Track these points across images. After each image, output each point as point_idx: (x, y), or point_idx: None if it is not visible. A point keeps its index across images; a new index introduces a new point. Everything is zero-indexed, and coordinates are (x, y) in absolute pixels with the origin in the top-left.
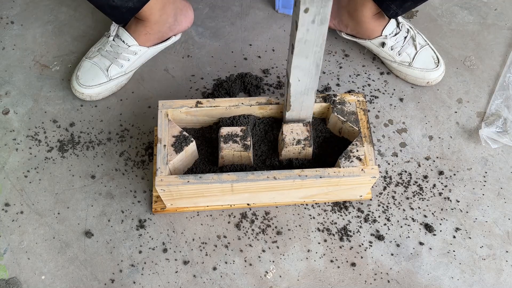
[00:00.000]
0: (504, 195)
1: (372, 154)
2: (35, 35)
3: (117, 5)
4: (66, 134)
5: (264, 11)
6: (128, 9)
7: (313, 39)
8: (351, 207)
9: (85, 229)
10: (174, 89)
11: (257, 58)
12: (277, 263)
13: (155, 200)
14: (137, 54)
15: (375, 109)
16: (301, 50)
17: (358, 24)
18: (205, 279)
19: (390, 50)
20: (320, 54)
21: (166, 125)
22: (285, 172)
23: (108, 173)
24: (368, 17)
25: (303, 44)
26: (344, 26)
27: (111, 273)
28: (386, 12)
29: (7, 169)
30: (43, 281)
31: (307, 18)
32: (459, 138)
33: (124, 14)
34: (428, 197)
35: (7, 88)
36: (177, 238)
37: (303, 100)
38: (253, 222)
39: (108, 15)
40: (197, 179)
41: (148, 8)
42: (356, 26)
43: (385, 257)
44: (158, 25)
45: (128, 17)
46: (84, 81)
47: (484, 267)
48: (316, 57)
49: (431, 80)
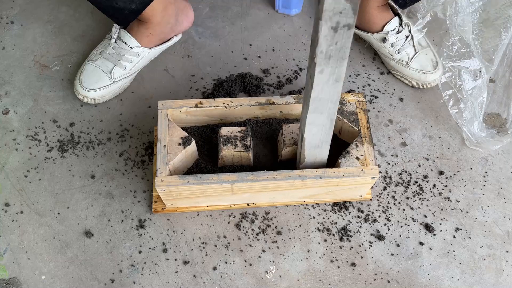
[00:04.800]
0: (504, 195)
1: (372, 154)
2: (35, 35)
3: (120, 7)
4: (66, 134)
5: (264, 11)
6: (131, 11)
7: (328, 96)
8: (351, 207)
9: (85, 229)
10: (174, 89)
11: (257, 58)
12: (277, 263)
13: (155, 200)
14: (139, 56)
15: (375, 109)
16: (316, 108)
17: (362, 14)
18: (205, 279)
19: (390, 47)
20: (334, 110)
21: (166, 125)
22: (285, 172)
23: (108, 173)
24: (372, 7)
25: (318, 102)
26: None
27: (111, 273)
28: (395, 1)
29: (7, 169)
30: (43, 281)
31: (322, 78)
32: (459, 138)
33: (127, 16)
34: (428, 197)
35: (7, 88)
36: (177, 238)
37: (316, 153)
38: (253, 222)
39: (110, 17)
40: (197, 179)
41: (151, 9)
42: (360, 16)
43: (385, 257)
44: (160, 26)
45: (131, 19)
46: (88, 84)
47: (484, 267)
48: (331, 113)
49: (427, 82)
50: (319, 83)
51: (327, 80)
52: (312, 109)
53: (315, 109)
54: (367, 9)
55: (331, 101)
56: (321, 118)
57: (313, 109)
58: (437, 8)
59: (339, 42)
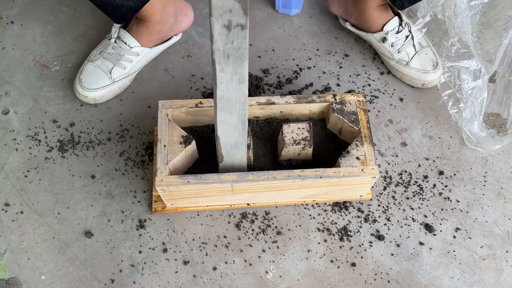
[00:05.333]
0: (504, 195)
1: (372, 154)
2: (35, 35)
3: (118, 4)
4: (66, 134)
5: (264, 11)
6: (129, 8)
7: (235, 97)
8: (351, 207)
9: (85, 229)
10: (174, 89)
11: (257, 58)
12: (277, 263)
13: (155, 200)
14: (139, 55)
15: (375, 109)
16: (224, 107)
17: (361, 14)
18: (205, 279)
19: (390, 46)
20: (244, 112)
21: (166, 125)
22: (285, 172)
23: (108, 173)
24: (372, 7)
25: (225, 101)
26: (349, 15)
27: (111, 273)
28: (393, 2)
29: (7, 169)
30: (43, 281)
31: (224, 77)
32: (459, 138)
33: (125, 14)
34: (428, 197)
35: (7, 88)
36: (177, 238)
37: (234, 154)
38: (253, 222)
39: (108, 14)
40: (197, 179)
41: (150, 7)
42: (360, 16)
43: (385, 257)
44: (159, 25)
45: (129, 16)
46: (88, 84)
47: (484, 267)
48: (241, 114)
49: (427, 82)
50: (223, 81)
51: (231, 80)
52: (221, 108)
53: (224, 108)
54: (367, 9)
55: (239, 102)
56: (232, 118)
57: (222, 108)
58: (436, 9)
59: (235, 41)
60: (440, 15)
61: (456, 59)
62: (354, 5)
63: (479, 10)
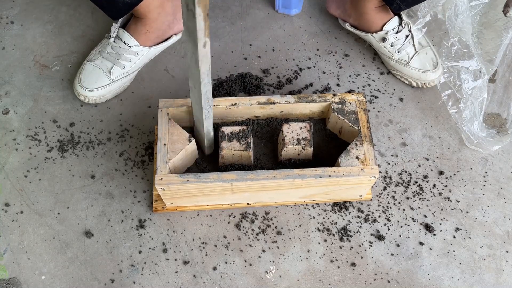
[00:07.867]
0: (504, 195)
1: (372, 154)
2: (35, 35)
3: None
4: (66, 134)
5: (264, 11)
6: (125, 4)
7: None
8: (351, 207)
9: (85, 229)
10: (174, 89)
11: (257, 58)
12: (277, 263)
13: (155, 199)
14: (138, 55)
15: (375, 109)
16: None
17: (360, 15)
18: (205, 279)
19: (390, 46)
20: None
21: (166, 124)
22: (285, 171)
23: (108, 173)
24: (370, 8)
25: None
26: (348, 16)
27: (111, 273)
28: (389, 5)
29: (7, 169)
30: (43, 281)
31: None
32: (459, 138)
33: (121, 9)
34: (428, 197)
35: (7, 88)
36: (177, 238)
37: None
38: (253, 222)
39: (104, 9)
40: (197, 178)
41: (146, 4)
42: (359, 17)
43: (385, 257)
44: (157, 23)
45: (125, 12)
46: (87, 84)
47: (484, 267)
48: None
49: (427, 82)
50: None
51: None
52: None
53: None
54: (366, 10)
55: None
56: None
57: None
58: (437, 9)
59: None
60: (441, 15)
61: (456, 59)
62: (352, 6)
63: (480, 10)
